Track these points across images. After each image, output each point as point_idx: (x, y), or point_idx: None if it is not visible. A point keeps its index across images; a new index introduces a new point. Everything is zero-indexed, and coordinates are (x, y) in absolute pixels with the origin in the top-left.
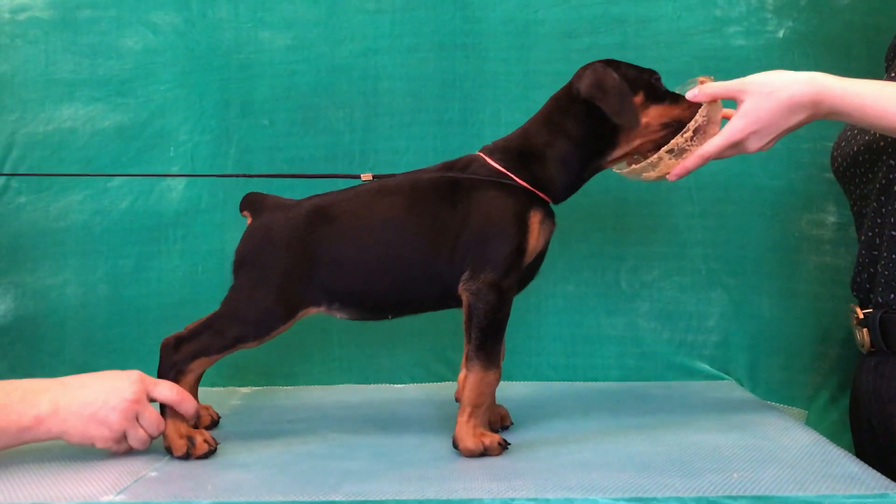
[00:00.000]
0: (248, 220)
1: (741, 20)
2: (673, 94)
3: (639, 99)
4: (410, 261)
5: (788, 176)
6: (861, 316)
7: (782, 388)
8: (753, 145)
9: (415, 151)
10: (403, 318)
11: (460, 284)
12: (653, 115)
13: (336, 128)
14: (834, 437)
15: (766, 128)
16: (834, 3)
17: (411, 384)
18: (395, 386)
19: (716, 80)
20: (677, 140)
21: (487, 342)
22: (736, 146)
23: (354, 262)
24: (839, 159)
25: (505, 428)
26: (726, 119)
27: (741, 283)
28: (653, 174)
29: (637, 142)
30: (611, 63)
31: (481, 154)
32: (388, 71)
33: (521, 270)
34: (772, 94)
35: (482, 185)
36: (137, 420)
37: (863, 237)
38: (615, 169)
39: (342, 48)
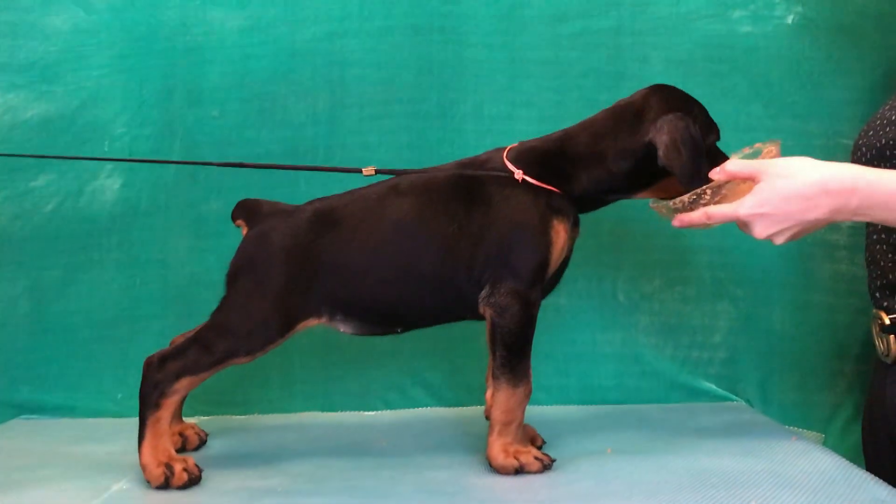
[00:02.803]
0: (244, 231)
1: (747, 4)
2: (717, 157)
3: None
4: (424, 268)
5: None
6: (887, 322)
7: (796, 409)
8: (760, 231)
9: (387, 147)
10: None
11: (481, 301)
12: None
13: (297, 120)
14: (854, 462)
15: (775, 214)
16: None
17: (385, 411)
18: (367, 413)
19: (722, 68)
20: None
21: (513, 359)
22: (743, 226)
23: (361, 270)
24: (864, 148)
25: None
26: None
27: (750, 294)
28: (664, 211)
29: (669, 192)
30: (688, 105)
31: (503, 153)
32: (357, 56)
33: (545, 281)
34: (787, 178)
35: (504, 187)
36: None
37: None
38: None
39: (304, 30)
